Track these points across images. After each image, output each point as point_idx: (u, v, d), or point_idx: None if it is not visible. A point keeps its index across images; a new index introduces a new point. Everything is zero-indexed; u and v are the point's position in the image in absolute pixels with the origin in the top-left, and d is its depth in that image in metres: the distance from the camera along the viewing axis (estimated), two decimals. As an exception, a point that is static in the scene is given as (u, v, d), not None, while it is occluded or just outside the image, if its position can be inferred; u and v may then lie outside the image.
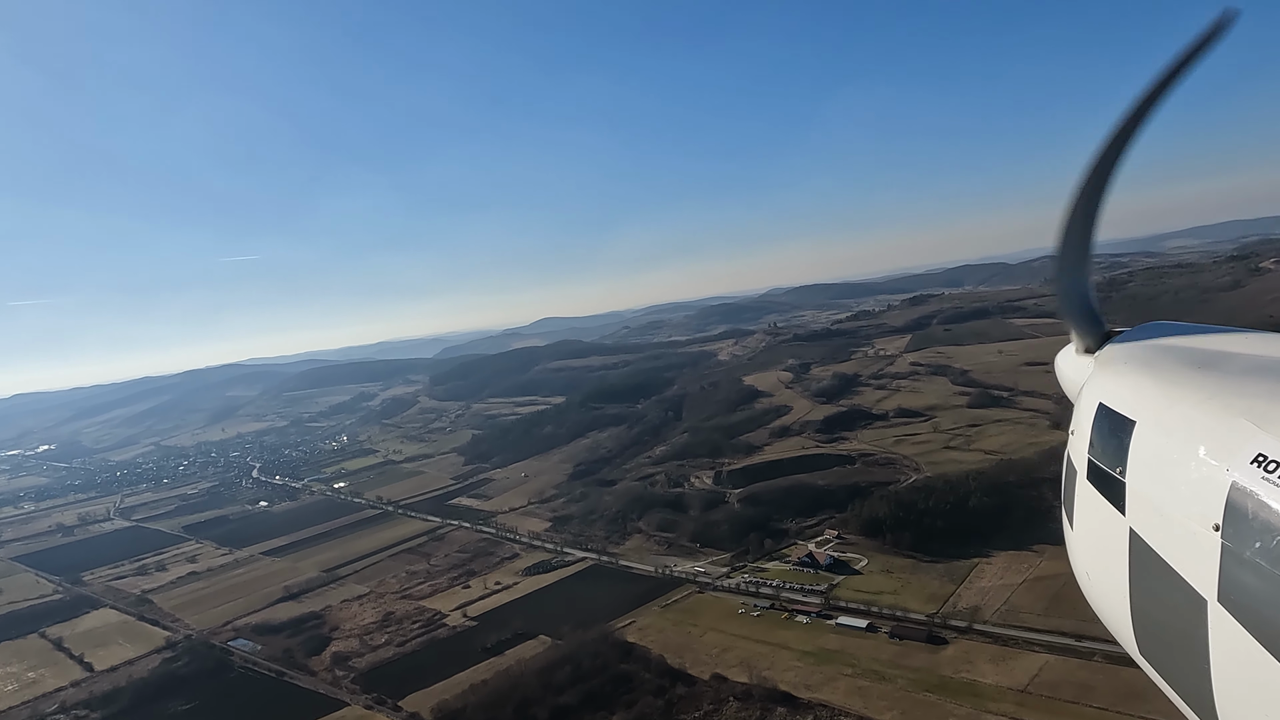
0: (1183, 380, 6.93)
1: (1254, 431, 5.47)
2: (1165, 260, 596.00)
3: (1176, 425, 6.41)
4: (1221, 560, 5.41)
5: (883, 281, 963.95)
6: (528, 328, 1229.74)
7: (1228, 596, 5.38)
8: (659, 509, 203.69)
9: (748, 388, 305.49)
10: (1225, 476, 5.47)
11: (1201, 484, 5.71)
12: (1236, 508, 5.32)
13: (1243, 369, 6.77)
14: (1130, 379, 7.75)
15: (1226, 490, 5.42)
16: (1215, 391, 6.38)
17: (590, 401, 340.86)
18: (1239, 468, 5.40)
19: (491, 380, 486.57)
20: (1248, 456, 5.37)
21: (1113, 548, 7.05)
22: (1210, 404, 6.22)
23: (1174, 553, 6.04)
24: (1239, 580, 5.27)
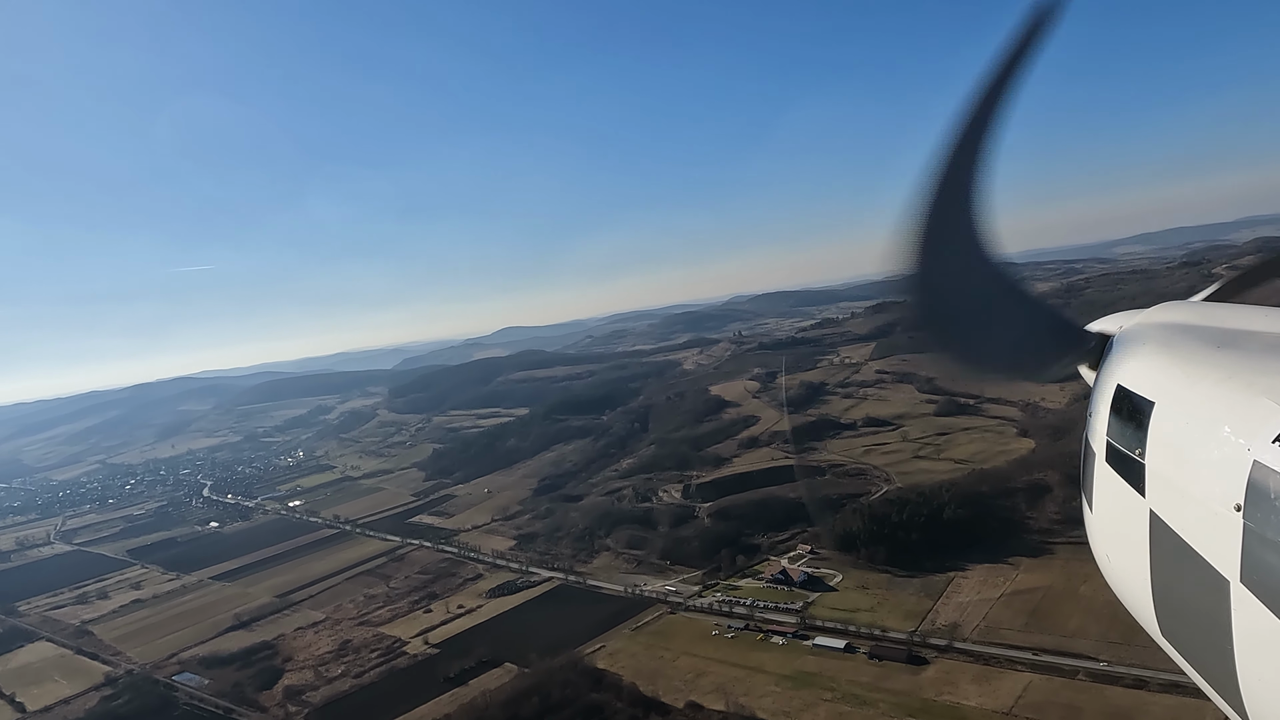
0: (1202, 360, 6.79)
1: (1275, 410, 5.44)
2: (1118, 266, 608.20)
3: (1197, 405, 6.32)
4: (1244, 541, 5.40)
5: (844, 288, 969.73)
6: (490, 337, 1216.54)
7: (1251, 577, 5.38)
8: (627, 525, 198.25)
9: (714, 398, 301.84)
10: (1247, 456, 5.43)
11: (1223, 464, 5.67)
12: (1259, 487, 5.31)
13: (1263, 347, 6.66)
14: (1148, 360, 7.51)
15: (1248, 470, 5.40)
16: (1235, 370, 6.28)
17: (554, 413, 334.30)
18: (1261, 447, 5.38)
19: (453, 392, 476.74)
20: (1269, 435, 5.36)
21: (1133, 530, 6.92)
22: (1231, 383, 6.15)
23: (1195, 534, 5.98)
24: (1262, 560, 5.29)
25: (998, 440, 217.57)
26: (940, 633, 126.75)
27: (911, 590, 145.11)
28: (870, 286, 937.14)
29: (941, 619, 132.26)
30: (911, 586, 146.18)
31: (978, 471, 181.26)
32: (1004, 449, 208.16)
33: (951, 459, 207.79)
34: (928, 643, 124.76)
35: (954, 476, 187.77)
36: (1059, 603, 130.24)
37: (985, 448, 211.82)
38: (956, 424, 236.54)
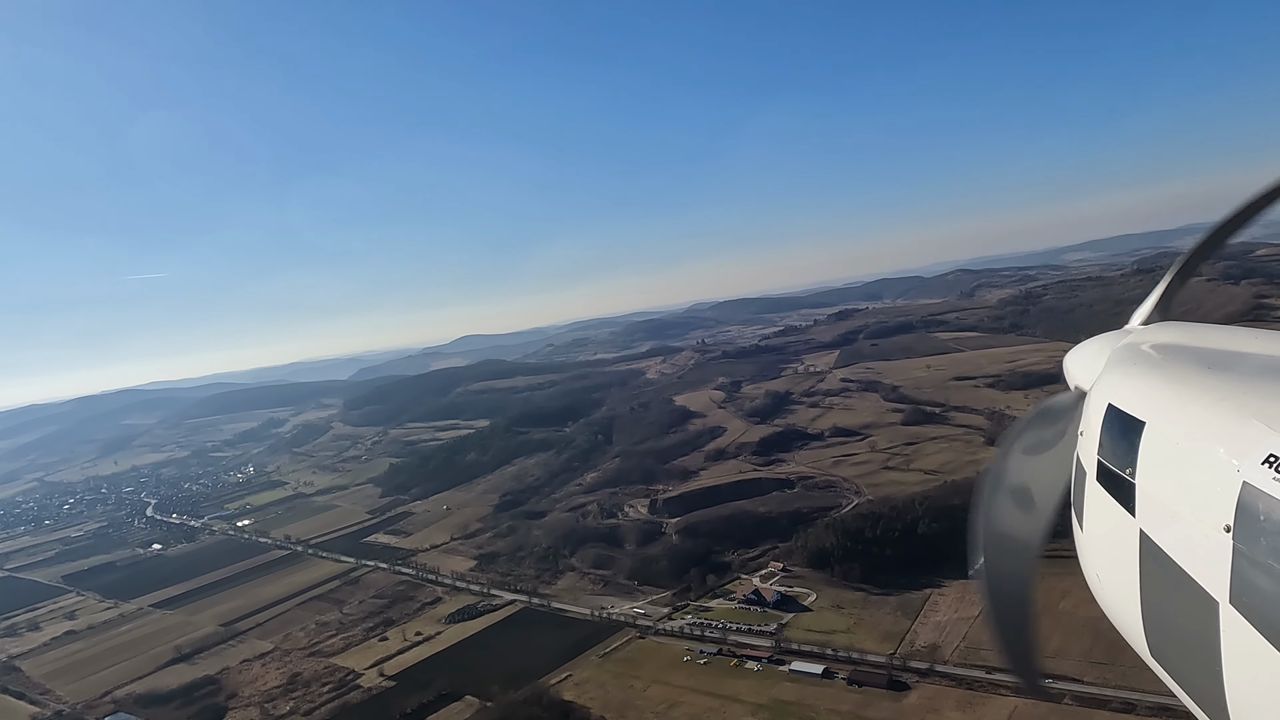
0: (1193, 380, 6.85)
1: (1265, 432, 5.47)
2: (1071, 273, 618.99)
3: (1187, 426, 6.30)
4: (1233, 562, 5.42)
5: (805, 295, 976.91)
6: (449, 346, 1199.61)
7: (1240, 598, 5.39)
8: (593, 543, 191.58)
9: (679, 408, 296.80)
10: (1237, 477, 5.46)
11: (1213, 485, 5.69)
12: (1248, 509, 5.34)
13: (1254, 369, 6.75)
14: (1140, 379, 7.59)
15: (1238, 491, 5.42)
16: (1226, 392, 6.30)
17: (516, 426, 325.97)
18: (1250, 469, 5.40)
19: (410, 403, 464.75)
20: (1259, 457, 5.38)
21: (1123, 549, 6.89)
22: (1221, 404, 6.16)
23: (1185, 554, 5.99)
24: (1251, 582, 5.30)
25: (966, 449, 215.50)
26: (920, 655, 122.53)
27: (888, 609, 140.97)
28: (830, 293, 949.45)
29: (920, 640, 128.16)
30: (888, 605, 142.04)
31: (949, 483, 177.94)
32: (973, 458, 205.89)
33: (921, 470, 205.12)
34: (908, 666, 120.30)
35: (925, 488, 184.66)
36: (1039, 620, 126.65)
37: (954, 457, 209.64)
38: (924, 433, 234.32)
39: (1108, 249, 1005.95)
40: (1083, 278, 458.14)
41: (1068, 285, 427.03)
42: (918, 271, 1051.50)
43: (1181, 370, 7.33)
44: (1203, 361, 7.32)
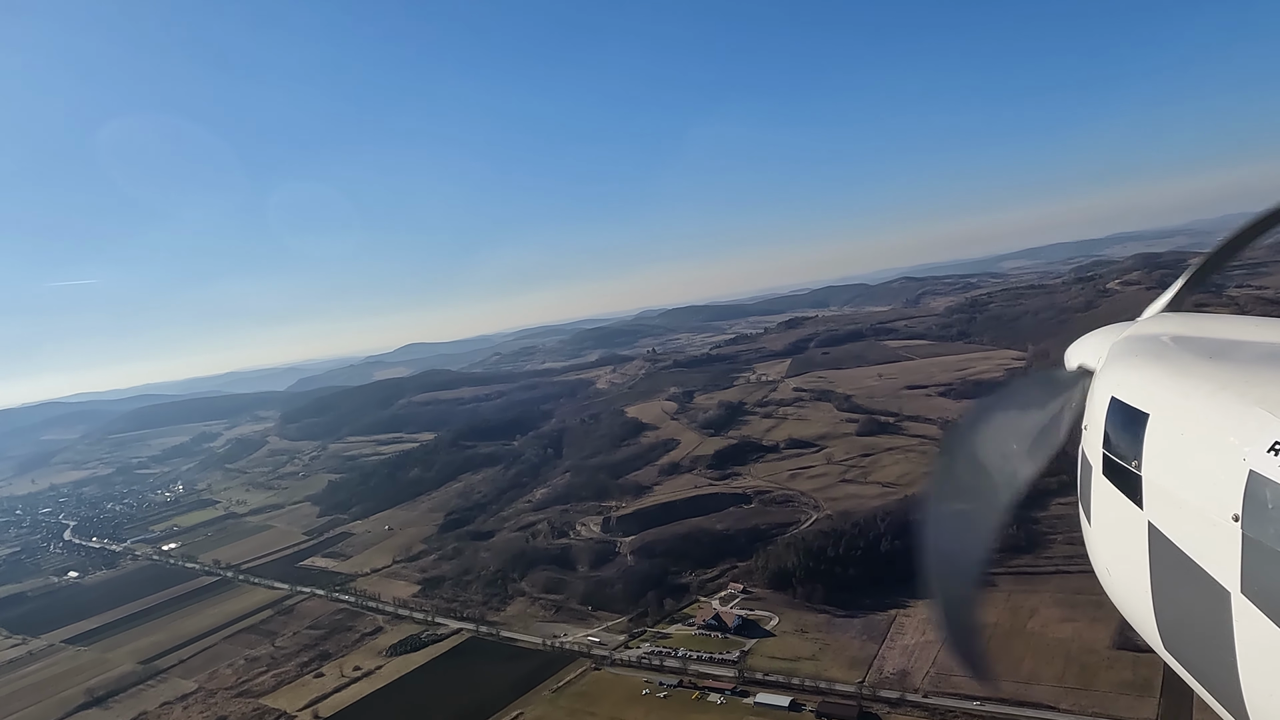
0: (1195, 371, 6.82)
1: (1269, 419, 5.51)
2: (1012, 281, 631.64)
3: (1191, 416, 6.33)
4: (1243, 551, 5.43)
5: (753, 303, 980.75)
6: (392, 355, 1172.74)
7: (1251, 587, 5.40)
8: (543, 566, 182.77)
9: (631, 420, 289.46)
10: (1243, 466, 5.48)
11: (1219, 474, 5.71)
12: (1256, 497, 5.37)
13: (1255, 357, 6.75)
14: (1142, 371, 7.57)
15: (1245, 480, 5.45)
16: (1229, 381, 6.30)
17: (462, 439, 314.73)
18: (1256, 456, 5.43)
19: (351, 416, 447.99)
20: (1264, 444, 5.42)
21: (1132, 542, 6.89)
22: (1224, 393, 6.16)
23: (1194, 545, 6.00)
24: (1262, 570, 5.32)
25: (922, 460, 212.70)
26: (890, 683, 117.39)
27: (853, 632, 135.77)
28: (778, 300, 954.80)
29: (889, 666, 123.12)
30: (853, 628, 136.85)
31: (910, 498, 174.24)
32: (930, 470, 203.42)
33: (879, 482, 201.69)
34: (878, 696, 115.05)
35: (885, 502, 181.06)
36: (1009, 642, 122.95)
37: (911, 469, 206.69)
38: (879, 443, 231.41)
39: (1043, 256, 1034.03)
40: (1025, 285, 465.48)
41: (1012, 293, 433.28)
42: (863, 279, 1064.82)
43: (1184, 361, 7.26)
44: (1204, 351, 7.22)
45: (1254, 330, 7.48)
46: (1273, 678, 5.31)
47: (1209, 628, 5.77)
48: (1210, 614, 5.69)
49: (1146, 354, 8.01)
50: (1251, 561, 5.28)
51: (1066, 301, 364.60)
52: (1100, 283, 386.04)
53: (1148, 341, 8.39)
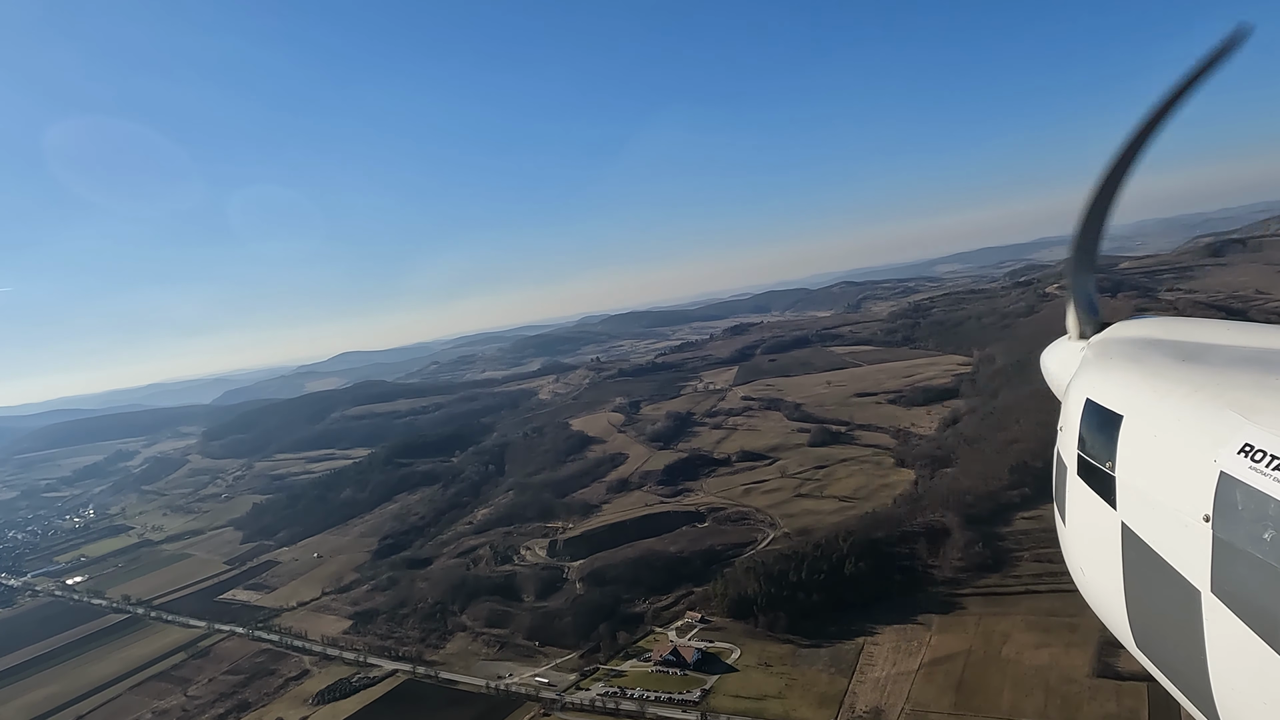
0: (1168, 373, 7.07)
1: (1241, 422, 5.71)
2: (948, 285, 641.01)
3: (1164, 418, 6.55)
4: (1213, 551, 5.62)
5: (695, 308, 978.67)
6: (325, 364, 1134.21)
7: (1221, 587, 5.58)
8: (486, 596, 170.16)
9: (577, 433, 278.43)
10: (1214, 467, 5.68)
11: (1190, 475, 5.88)
12: (1226, 498, 5.55)
13: (1227, 360, 6.95)
14: (1117, 374, 7.80)
15: (1215, 481, 5.64)
16: (1201, 383, 6.54)
17: (397, 456, 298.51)
18: (1227, 458, 5.63)
19: (280, 431, 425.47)
20: (1235, 446, 5.61)
21: (1106, 542, 7.09)
22: (1196, 396, 6.39)
23: (1166, 545, 6.19)
24: (1231, 570, 5.51)
25: (877, 471, 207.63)
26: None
27: (820, 665, 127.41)
28: (720, 305, 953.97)
29: (862, 702, 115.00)
30: (819, 659, 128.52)
31: (871, 514, 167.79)
32: (885, 482, 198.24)
33: (835, 496, 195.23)
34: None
35: (843, 518, 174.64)
36: (984, 671, 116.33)
37: (866, 481, 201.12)
38: (833, 454, 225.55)
39: (974, 261, 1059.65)
40: (966, 290, 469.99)
41: (953, 298, 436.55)
42: (802, 283, 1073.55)
43: (1157, 363, 7.45)
44: (1177, 354, 7.41)
45: (1225, 334, 7.57)
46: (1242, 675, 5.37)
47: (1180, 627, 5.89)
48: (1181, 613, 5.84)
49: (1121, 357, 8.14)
50: (1221, 561, 5.41)
51: (1008, 306, 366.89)
52: (1039, 287, 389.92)
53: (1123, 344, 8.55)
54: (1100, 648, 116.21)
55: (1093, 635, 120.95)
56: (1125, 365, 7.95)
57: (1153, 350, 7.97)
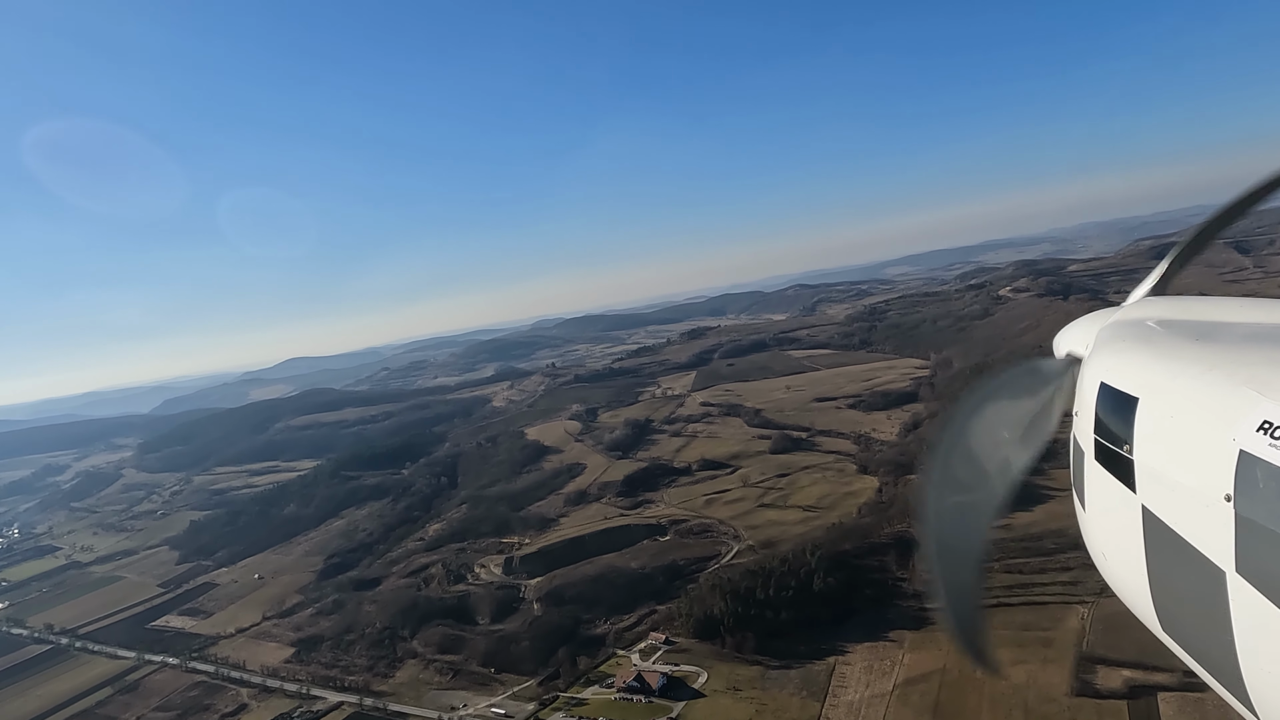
0: (1183, 353, 6.94)
1: (1258, 399, 5.59)
2: (901, 289, 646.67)
3: (1180, 398, 6.41)
4: (1236, 530, 5.51)
5: (650, 311, 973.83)
6: (271, 370, 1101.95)
7: (1246, 566, 5.48)
8: (438, 620, 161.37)
9: (532, 443, 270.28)
10: (1233, 446, 5.56)
11: (1210, 455, 5.77)
12: (1247, 476, 5.44)
13: (1242, 337, 6.87)
14: (1130, 356, 7.65)
15: (1235, 459, 5.52)
16: (1216, 362, 6.38)
17: (345, 468, 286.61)
18: (1246, 436, 5.50)
19: (222, 442, 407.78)
20: (1253, 424, 5.49)
21: (1127, 526, 7.02)
22: (1212, 374, 6.24)
23: (1188, 526, 6.07)
24: (1256, 549, 5.40)
25: (840, 479, 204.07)
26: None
27: (791, 687, 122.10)
28: (675, 309, 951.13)
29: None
30: (790, 682, 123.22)
31: (838, 527, 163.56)
32: (849, 490, 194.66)
33: (799, 506, 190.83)
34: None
35: (808, 529, 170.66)
36: (960, 694, 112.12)
37: (830, 489, 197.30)
38: (795, 462, 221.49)
39: (924, 263, 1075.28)
40: (921, 294, 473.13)
41: (908, 301, 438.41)
42: (757, 286, 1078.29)
43: (1171, 343, 7.30)
44: (1191, 333, 7.26)
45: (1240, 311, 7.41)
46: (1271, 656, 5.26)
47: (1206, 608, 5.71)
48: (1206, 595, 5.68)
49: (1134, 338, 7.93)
50: (1245, 541, 5.31)
51: (963, 309, 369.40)
52: (992, 290, 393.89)
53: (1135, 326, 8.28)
54: (1078, 664, 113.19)
55: (1068, 650, 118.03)
56: (1138, 346, 7.67)
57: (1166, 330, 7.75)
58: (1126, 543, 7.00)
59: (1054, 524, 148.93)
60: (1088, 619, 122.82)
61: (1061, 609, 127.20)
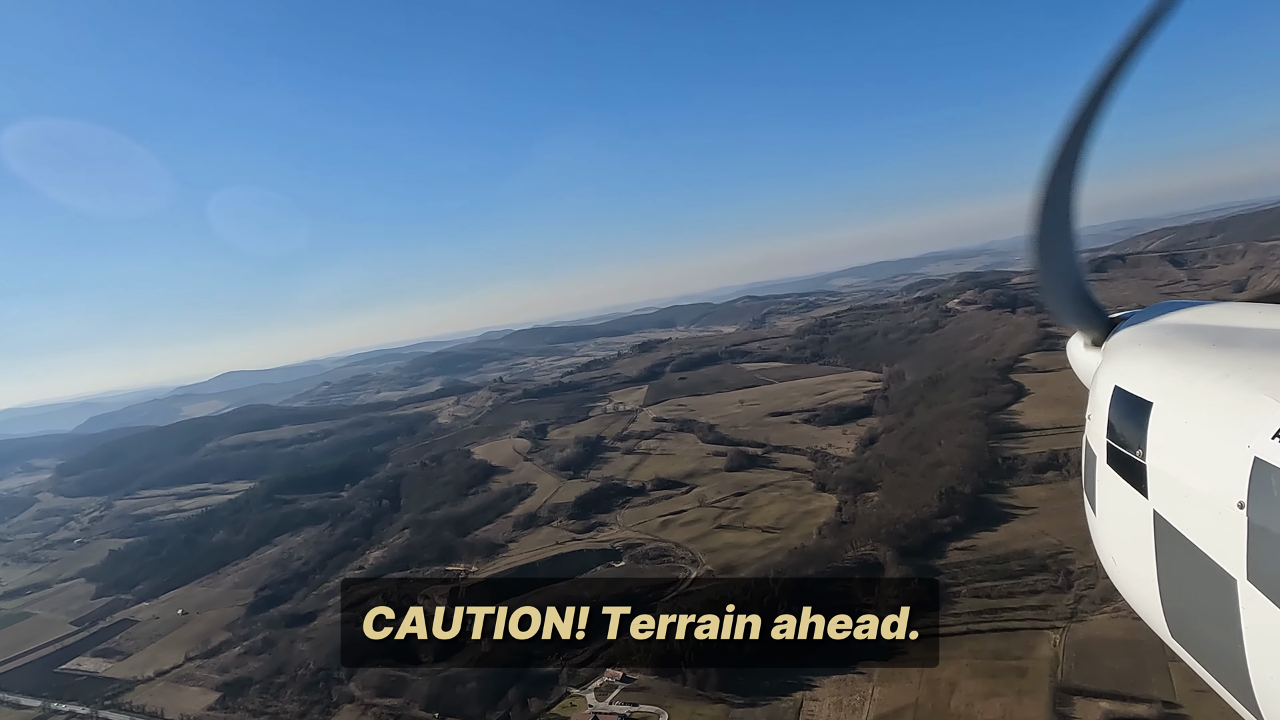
0: (1198, 358, 6.83)
1: (1274, 406, 5.54)
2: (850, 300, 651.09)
3: (1195, 404, 6.34)
4: (1249, 538, 5.42)
5: (599, 323, 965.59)
6: (206, 385, 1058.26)
7: (1257, 574, 5.39)
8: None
9: (479, 463, 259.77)
10: (1247, 453, 5.49)
11: (1223, 461, 5.71)
12: (1261, 483, 5.35)
13: (1259, 344, 6.70)
14: (1145, 360, 7.54)
15: (1250, 466, 5.44)
16: (1232, 368, 6.32)
17: (280, 491, 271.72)
18: (1261, 443, 5.44)
19: (147, 463, 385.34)
20: (1269, 432, 5.43)
21: (1138, 531, 6.89)
22: (1228, 380, 6.17)
23: (1200, 533, 6.00)
24: (1268, 557, 5.32)
25: (798, 498, 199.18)
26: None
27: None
28: (624, 320, 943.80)
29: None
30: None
31: (800, 550, 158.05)
32: (808, 509, 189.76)
33: (757, 527, 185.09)
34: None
35: (768, 551, 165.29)
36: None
37: (789, 509, 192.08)
38: (751, 480, 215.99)
39: (869, 275, 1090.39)
40: (871, 306, 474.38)
41: (858, 313, 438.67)
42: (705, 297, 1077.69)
43: (1186, 349, 7.18)
44: (1207, 339, 7.14)
45: (1256, 317, 7.26)
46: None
47: (1216, 615, 5.68)
48: (1217, 601, 5.64)
49: (1149, 343, 7.85)
50: (1257, 548, 5.24)
51: (912, 322, 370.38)
52: (940, 302, 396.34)
53: (1151, 330, 8.23)
54: (1054, 696, 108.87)
55: (1043, 681, 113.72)
56: (1154, 351, 7.53)
57: (1181, 335, 7.58)
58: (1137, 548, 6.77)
59: (1019, 544, 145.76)
60: (1060, 646, 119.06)
61: (1033, 635, 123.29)
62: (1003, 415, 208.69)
